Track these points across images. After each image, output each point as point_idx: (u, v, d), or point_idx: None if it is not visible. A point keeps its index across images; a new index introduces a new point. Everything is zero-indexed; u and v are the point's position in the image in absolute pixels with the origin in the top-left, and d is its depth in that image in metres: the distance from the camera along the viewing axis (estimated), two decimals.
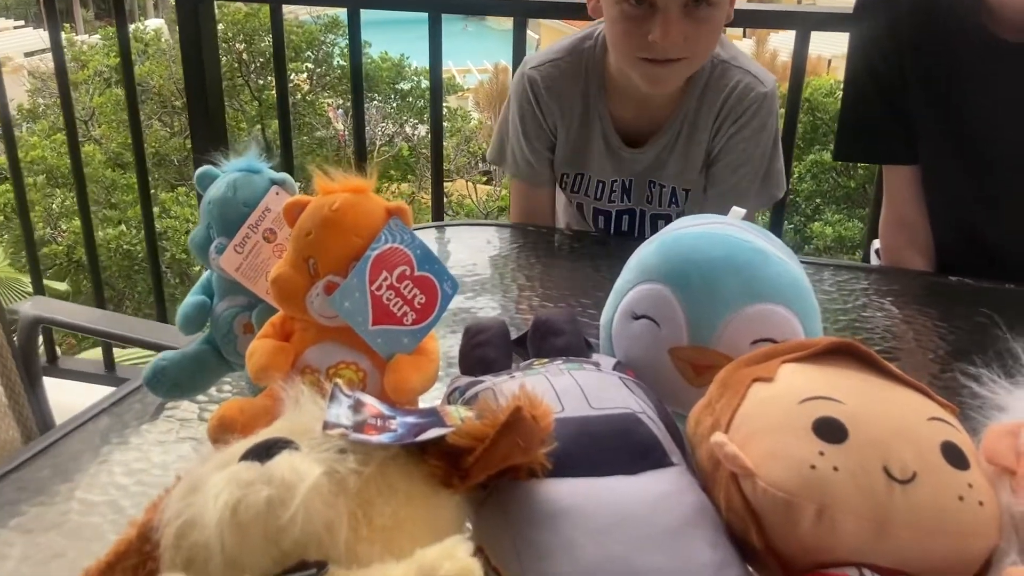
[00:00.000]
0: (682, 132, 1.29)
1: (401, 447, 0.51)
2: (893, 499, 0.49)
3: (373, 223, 0.66)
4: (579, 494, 0.52)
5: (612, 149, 1.32)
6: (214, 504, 0.46)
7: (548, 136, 1.35)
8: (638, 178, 1.34)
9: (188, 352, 0.77)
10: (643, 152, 1.31)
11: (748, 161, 1.28)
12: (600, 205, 1.37)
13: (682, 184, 1.32)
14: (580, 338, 0.70)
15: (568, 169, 1.36)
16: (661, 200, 1.35)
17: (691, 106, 1.28)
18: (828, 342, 0.58)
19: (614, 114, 1.32)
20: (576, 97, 1.32)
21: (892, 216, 1.32)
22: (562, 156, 1.36)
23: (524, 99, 1.34)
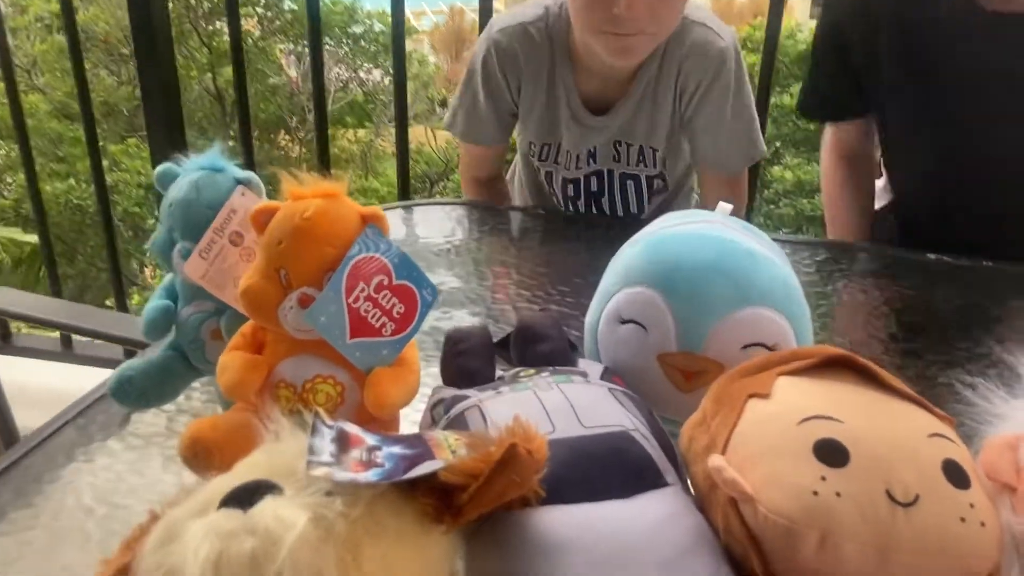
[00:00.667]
0: (646, 95, 1.27)
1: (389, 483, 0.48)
2: (896, 524, 0.48)
3: (347, 231, 0.62)
4: (575, 525, 0.50)
5: (578, 119, 1.30)
6: (194, 558, 0.44)
7: (509, 102, 1.33)
8: (604, 144, 1.32)
9: (154, 360, 0.74)
10: (609, 118, 1.30)
11: (720, 123, 1.26)
12: (569, 174, 1.35)
13: (650, 143, 1.31)
14: (565, 344, 0.67)
15: (536, 140, 1.34)
16: (629, 159, 1.34)
17: (652, 70, 1.26)
18: (825, 354, 0.56)
19: (579, 84, 1.29)
20: (542, 66, 1.29)
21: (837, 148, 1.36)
22: (530, 127, 1.33)
23: (489, 63, 1.31)
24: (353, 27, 10.93)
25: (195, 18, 9.73)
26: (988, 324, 0.83)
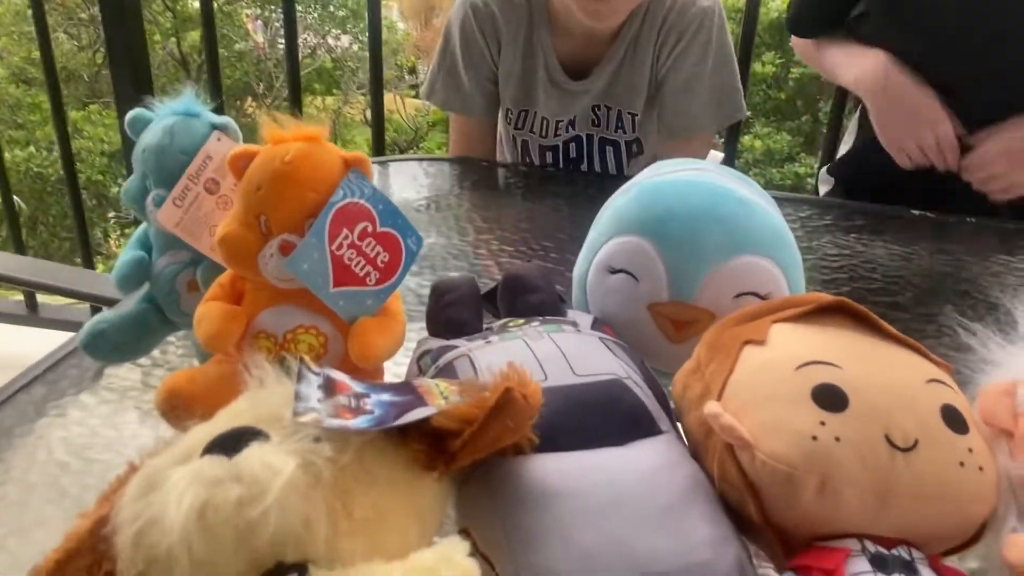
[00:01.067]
0: (626, 57, 1.25)
1: (379, 430, 0.47)
2: (895, 468, 0.47)
3: (330, 176, 0.60)
4: (570, 472, 0.49)
5: (556, 83, 1.28)
6: (178, 506, 0.42)
7: (490, 66, 1.30)
8: (582, 109, 1.30)
9: (128, 313, 0.71)
10: (589, 82, 1.28)
11: (698, 80, 1.25)
12: (546, 142, 1.33)
13: (628, 108, 1.29)
14: (554, 294, 0.66)
15: (513, 106, 1.31)
16: (608, 124, 1.32)
17: (633, 28, 1.24)
18: (821, 301, 0.55)
19: (557, 48, 1.27)
20: (520, 28, 1.27)
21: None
22: (507, 92, 1.31)
23: (467, 25, 1.29)
24: None
25: None
26: (973, 278, 0.83)
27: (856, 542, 0.47)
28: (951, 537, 0.50)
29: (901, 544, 0.47)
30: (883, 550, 0.47)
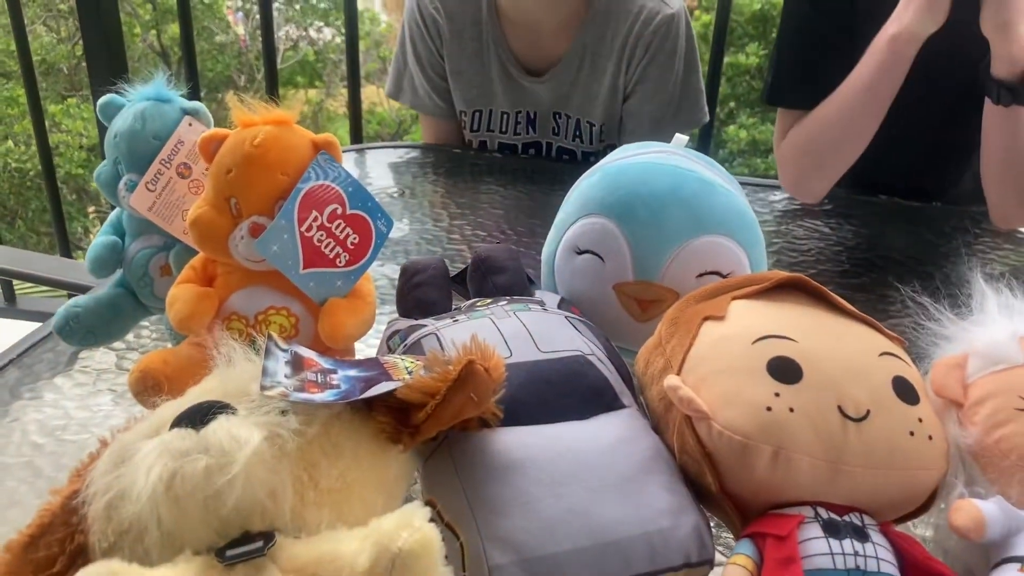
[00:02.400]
0: (584, 62, 1.25)
1: (345, 404, 0.48)
2: (847, 438, 0.49)
3: (299, 158, 0.61)
4: (532, 444, 0.50)
5: (512, 78, 1.27)
6: (146, 477, 0.43)
7: (440, 63, 1.29)
8: (542, 111, 1.30)
9: (101, 297, 0.72)
10: (544, 82, 1.27)
11: (663, 88, 1.25)
12: (505, 139, 1.32)
13: (586, 117, 1.29)
14: (522, 275, 0.67)
15: (467, 107, 1.30)
16: (567, 132, 1.31)
17: (591, 34, 1.23)
18: (778, 278, 0.57)
19: (510, 42, 1.26)
20: (467, 22, 1.26)
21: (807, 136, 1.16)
22: (459, 92, 1.30)
23: (414, 23, 1.28)
24: None
25: None
26: (936, 259, 0.84)
27: (809, 509, 0.49)
28: (902, 504, 0.52)
29: (853, 511, 0.49)
30: (835, 516, 0.48)
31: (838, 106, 1.01)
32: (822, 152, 1.05)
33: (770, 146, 4.55)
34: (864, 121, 1.00)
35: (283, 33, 10.53)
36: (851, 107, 1.00)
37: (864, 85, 0.98)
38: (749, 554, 0.48)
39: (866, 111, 0.99)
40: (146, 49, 9.35)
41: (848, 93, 0.99)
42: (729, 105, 8.66)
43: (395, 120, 10.07)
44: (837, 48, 0.99)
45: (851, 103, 1.00)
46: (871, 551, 0.47)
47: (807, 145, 1.06)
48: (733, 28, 8.40)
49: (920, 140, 1.02)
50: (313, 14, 10.67)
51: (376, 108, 10.30)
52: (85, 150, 7.90)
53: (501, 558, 0.46)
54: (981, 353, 0.54)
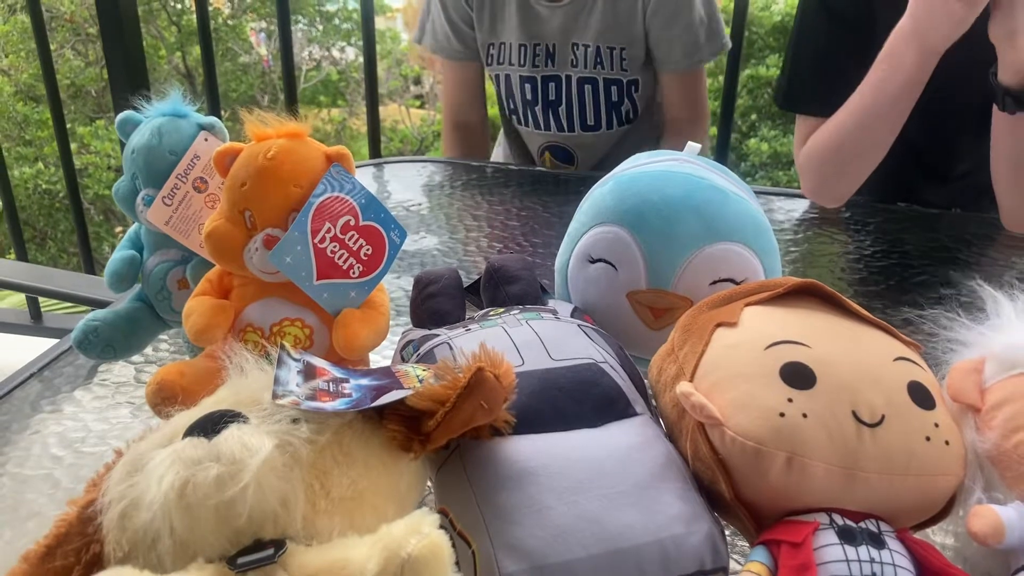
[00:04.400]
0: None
1: (357, 413, 0.48)
2: (863, 443, 0.48)
3: (312, 171, 0.62)
4: (544, 452, 0.50)
5: (528, 5, 1.28)
6: (158, 486, 0.43)
7: (463, 6, 1.31)
8: (560, 41, 1.31)
9: (120, 311, 0.73)
10: (561, 6, 1.28)
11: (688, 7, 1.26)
12: (524, 71, 1.33)
13: (606, 42, 1.29)
14: (535, 284, 0.67)
15: (489, 38, 1.32)
16: (586, 62, 1.32)
17: None
18: (791, 283, 0.56)
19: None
20: None
21: (828, 142, 1.14)
22: (481, 25, 1.32)
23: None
24: (326, 5, 10.79)
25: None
26: (955, 266, 0.83)
27: (824, 516, 0.48)
28: (919, 510, 0.51)
29: (870, 518, 0.48)
30: (851, 523, 0.48)
31: (859, 114, 1.00)
32: (843, 159, 1.05)
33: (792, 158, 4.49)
34: (885, 128, 0.99)
35: (306, 53, 10.65)
36: (872, 115, 0.99)
37: (886, 95, 0.97)
38: (764, 561, 0.47)
39: (887, 119, 0.99)
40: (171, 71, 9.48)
41: (868, 101, 0.99)
42: (751, 118, 8.64)
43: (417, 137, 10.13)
44: (854, 55, 0.99)
45: (871, 111, 0.99)
46: (887, 558, 0.46)
47: (828, 152, 1.05)
48: (753, 40, 8.38)
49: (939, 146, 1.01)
50: (336, 34, 10.78)
51: (398, 126, 10.37)
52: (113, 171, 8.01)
53: (513, 566, 0.45)
54: (998, 357, 0.53)
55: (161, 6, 9.56)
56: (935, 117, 0.93)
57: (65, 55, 8.73)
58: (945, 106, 0.94)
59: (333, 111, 10.62)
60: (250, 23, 10.36)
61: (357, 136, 10.43)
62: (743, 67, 8.43)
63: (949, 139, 0.96)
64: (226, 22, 9.89)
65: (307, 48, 10.67)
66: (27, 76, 8.67)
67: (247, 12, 10.24)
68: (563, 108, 1.37)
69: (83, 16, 8.78)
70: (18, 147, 8.30)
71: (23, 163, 8.13)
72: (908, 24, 0.92)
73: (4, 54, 9.02)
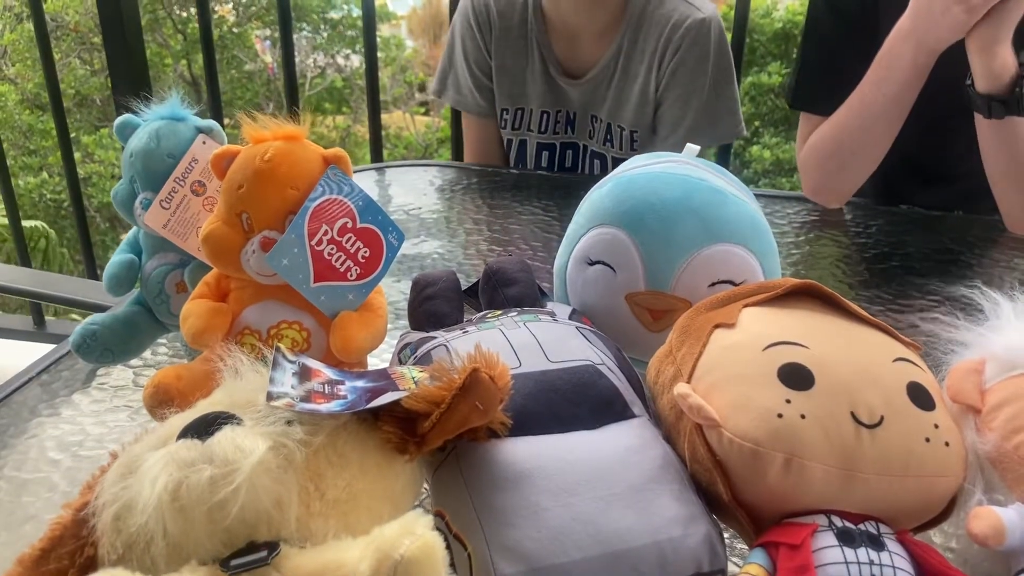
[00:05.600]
0: (618, 65, 1.26)
1: (352, 414, 0.48)
2: (861, 445, 0.48)
3: (309, 173, 0.61)
4: (541, 454, 0.50)
5: (551, 78, 1.29)
6: (152, 488, 0.43)
7: (486, 60, 1.31)
8: (580, 111, 1.31)
9: (119, 314, 0.73)
10: (581, 84, 1.28)
11: (695, 94, 1.25)
12: (544, 139, 1.34)
13: (616, 121, 1.29)
14: (533, 287, 0.67)
15: (508, 104, 1.32)
16: (598, 137, 1.32)
17: (626, 39, 1.25)
18: (789, 284, 0.56)
19: (553, 44, 1.28)
20: (516, 20, 1.28)
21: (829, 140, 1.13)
22: (501, 90, 1.32)
23: (466, 20, 1.30)
24: (331, 13, 10.83)
25: (169, 4, 9.62)
26: (957, 268, 0.83)
27: (823, 517, 0.48)
28: (919, 512, 0.50)
29: (869, 519, 0.48)
30: (850, 525, 0.47)
31: (858, 112, 1.01)
32: (844, 157, 1.05)
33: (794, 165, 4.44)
34: (884, 126, 1.00)
35: (311, 61, 10.69)
36: (871, 113, 1.00)
37: (884, 94, 0.98)
38: (762, 563, 0.47)
39: (886, 117, 0.99)
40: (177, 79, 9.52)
41: (867, 99, 0.99)
42: (753, 124, 8.63)
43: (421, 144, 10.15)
44: (860, 54, 0.99)
45: (870, 109, 1.00)
46: (887, 560, 0.46)
47: (829, 149, 1.05)
48: (755, 47, 8.39)
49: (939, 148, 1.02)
50: (340, 41, 10.81)
51: (403, 132, 10.39)
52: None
53: (509, 568, 0.45)
54: (998, 358, 0.53)
55: (167, 14, 9.60)
56: (935, 119, 0.93)
57: (71, 64, 8.77)
58: (944, 107, 0.94)
59: (338, 118, 10.65)
60: (255, 31, 10.40)
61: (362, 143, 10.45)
62: (745, 74, 8.45)
63: (949, 140, 0.96)
64: (231, 30, 9.93)
65: (312, 55, 10.71)
66: (33, 85, 8.71)
67: (252, 20, 10.28)
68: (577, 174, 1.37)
69: (88, 25, 8.82)
70: (23, 156, 8.33)
71: (28, 172, 8.17)
72: (907, 24, 0.92)
73: (11, 62, 9.07)
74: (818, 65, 1.15)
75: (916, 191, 1.14)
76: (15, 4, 8.94)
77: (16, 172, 7.80)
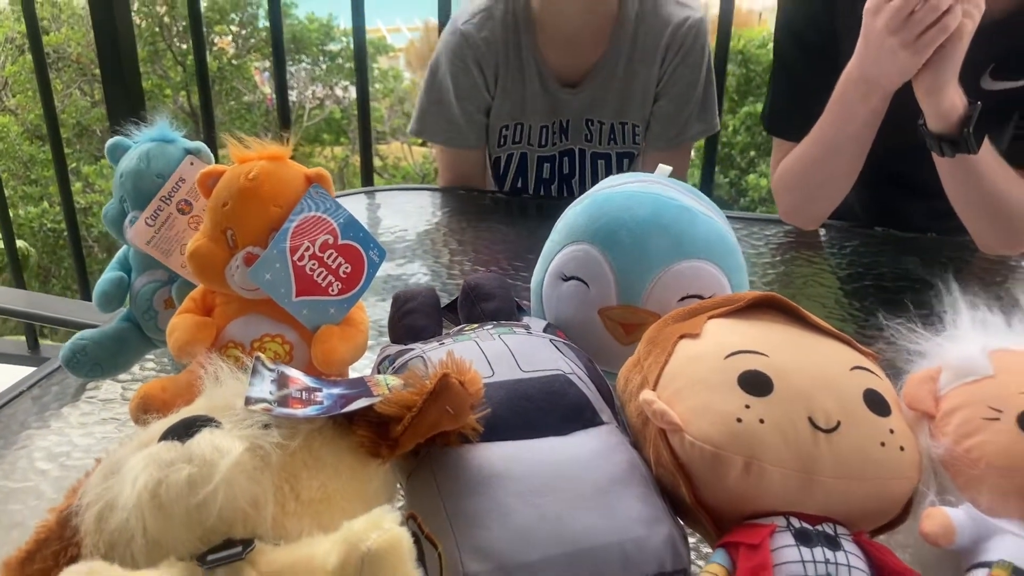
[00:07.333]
0: (618, 67, 1.30)
1: (328, 419, 0.50)
2: (818, 448, 0.50)
3: (292, 191, 0.64)
4: (511, 457, 0.52)
5: (548, 90, 1.32)
6: (132, 487, 0.45)
7: (483, 94, 1.32)
8: (574, 118, 1.34)
9: (108, 330, 0.75)
10: (580, 92, 1.31)
11: (690, 89, 1.30)
12: (544, 151, 1.36)
13: (621, 119, 1.33)
14: (510, 302, 0.69)
15: (508, 121, 1.34)
16: (601, 138, 1.35)
17: (624, 39, 1.28)
18: (752, 296, 0.58)
19: (545, 54, 1.31)
20: (509, 43, 1.31)
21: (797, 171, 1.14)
22: (500, 109, 1.34)
23: (458, 56, 1.31)
24: (329, 45, 10.95)
25: (169, 37, 9.73)
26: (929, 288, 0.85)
27: (782, 519, 0.49)
28: (876, 514, 0.52)
29: (827, 521, 0.50)
30: (808, 526, 0.49)
31: (820, 147, 1.04)
32: (811, 189, 1.08)
33: None
34: (845, 161, 1.03)
35: (310, 92, 10.80)
36: (832, 150, 1.03)
37: (842, 134, 1.01)
38: (723, 563, 0.49)
39: (847, 153, 1.03)
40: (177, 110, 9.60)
41: (828, 136, 1.03)
42: (750, 154, 8.73)
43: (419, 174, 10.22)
44: (823, 83, 1.02)
45: (831, 146, 1.03)
46: (843, 559, 0.47)
47: (797, 180, 1.09)
48: (752, 78, 8.50)
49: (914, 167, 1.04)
50: (338, 73, 10.94)
51: (401, 163, 10.47)
52: None
53: (477, 566, 0.47)
54: (952, 366, 0.55)
55: (167, 47, 9.71)
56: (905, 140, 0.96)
57: (72, 95, 8.85)
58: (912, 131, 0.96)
59: (336, 149, 10.74)
60: (254, 63, 10.51)
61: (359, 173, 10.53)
62: (741, 104, 8.53)
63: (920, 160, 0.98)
64: (230, 62, 10.04)
65: (311, 87, 10.82)
66: (34, 116, 8.79)
67: (251, 52, 10.40)
68: (576, 180, 1.40)
69: (89, 57, 8.91)
70: (24, 186, 8.39)
71: (28, 202, 8.22)
72: (856, 71, 0.95)
73: (11, 94, 9.15)
74: (786, 94, 1.19)
75: (904, 205, 1.16)
76: (16, 37, 9.05)
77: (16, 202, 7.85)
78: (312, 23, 10.71)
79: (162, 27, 9.62)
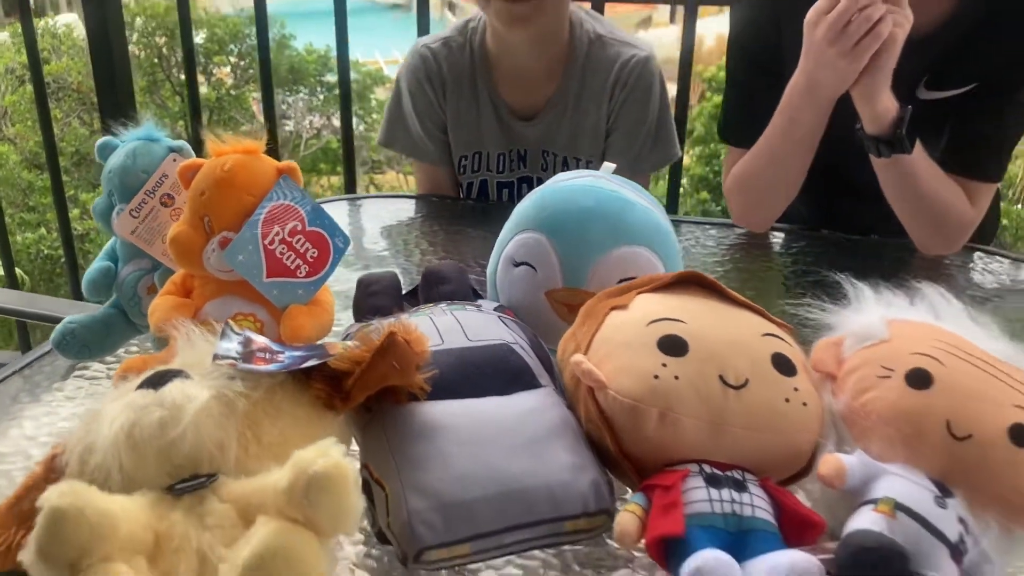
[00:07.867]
0: (568, 106, 1.35)
1: (288, 375, 0.56)
2: (728, 402, 0.56)
3: (264, 181, 0.70)
4: (454, 412, 0.57)
5: (504, 122, 1.37)
6: (110, 427, 0.51)
7: (438, 113, 1.38)
8: (532, 148, 1.40)
9: (96, 315, 0.80)
10: (535, 125, 1.37)
11: (640, 124, 1.35)
12: (503, 178, 1.42)
13: (573, 153, 1.39)
14: (466, 285, 0.75)
15: (466, 151, 1.40)
16: (556, 168, 1.41)
17: (573, 79, 1.34)
18: (677, 273, 0.64)
19: (502, 90, 1.37)
20: (464, 72, 1.37)
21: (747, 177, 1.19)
22: (457, 138, 1.40)
23: (416, 75, 1.38)
24: (327, 76, 11.09)
25: (168, 68, 9.86)
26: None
27: (695, 465, 0.55)
28: (784, 464, 0.58)
29: (736, 468, 0.56)
30: (718, 471, 0.55)
31: (767, 154, 1.11)
32: (759, 190, 1.15)
33: None
34: (792, 167, 1.10)
35: (307, 122, 10.92)
36: (779, 156, 1.10)
37: (789, 141, 1.08)
38: (639, 503, 0.54)
39: (793, 158, 1.09)
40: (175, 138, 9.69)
41: (775, 144, 1.10)
42: None
43: None
44: (770, 94, 1.09)
45: (778, 153, 1.10)
46: (747, 500, 0.53)
47: (746, 184, 1.15)
48: None
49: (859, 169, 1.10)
50: (336, 104, 11.05)
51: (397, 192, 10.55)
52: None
53: (419, 503, 0.53)
54: (854, 333, 0.61)
55: (165, 77, 9.84)
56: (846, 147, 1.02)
57: (71, 123, 8.95)
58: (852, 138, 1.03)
59: (332, 178, 10.83)
60: (252, 93, 10.63)
61: None
62: None
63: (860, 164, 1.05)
64: (229, 92, 10.16)
65: (308, 117, 10.94)
66: (33, 144, 8.88)
67: (249, 83, 10.52)
68: None
69: (89, 86, 9.02)
70: (22, 213, 8.45)
71: (26, 228, 8.28)
72: (801, 80, 1.02)
73: (11, 123, 9.25)
74: (737, 105, 1.26)
75: (849, 209, 1.23)
76: (17, 67, 9.16)
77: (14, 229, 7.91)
78: (310, 55, 10.86)
79: (160, 58, 9.75)
